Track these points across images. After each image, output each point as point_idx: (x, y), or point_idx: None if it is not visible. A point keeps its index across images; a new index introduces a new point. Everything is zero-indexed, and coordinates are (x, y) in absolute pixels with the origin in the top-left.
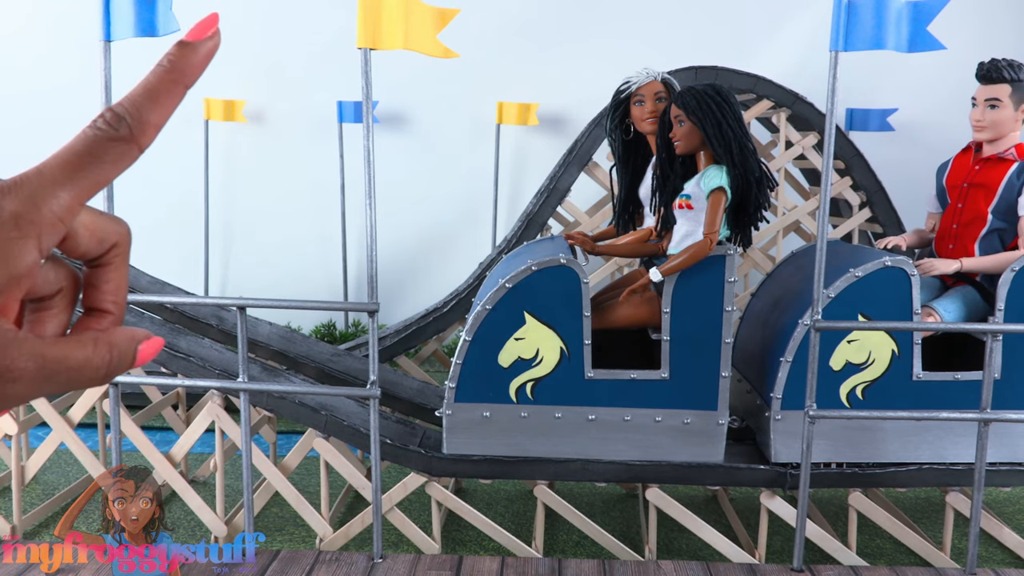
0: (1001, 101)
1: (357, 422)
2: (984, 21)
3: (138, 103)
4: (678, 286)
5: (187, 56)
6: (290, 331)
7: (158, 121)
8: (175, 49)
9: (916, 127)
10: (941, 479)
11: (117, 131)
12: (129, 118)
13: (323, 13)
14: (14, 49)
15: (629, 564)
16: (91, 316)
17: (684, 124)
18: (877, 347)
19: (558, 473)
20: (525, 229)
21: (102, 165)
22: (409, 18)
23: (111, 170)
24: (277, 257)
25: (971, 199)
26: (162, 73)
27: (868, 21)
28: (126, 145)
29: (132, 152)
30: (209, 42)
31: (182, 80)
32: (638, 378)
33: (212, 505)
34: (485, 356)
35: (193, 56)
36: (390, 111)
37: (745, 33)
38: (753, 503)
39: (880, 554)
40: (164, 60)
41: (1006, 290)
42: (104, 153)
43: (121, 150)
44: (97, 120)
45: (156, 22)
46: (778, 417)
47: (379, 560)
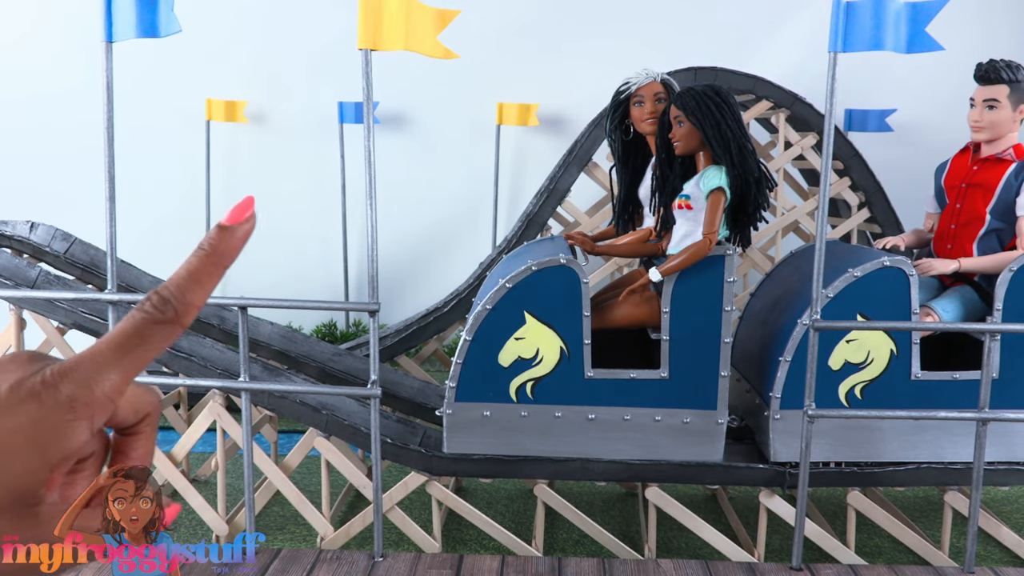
0: (999, 102)
1: (358, 421)
2: (982, 22)
3: (183, 286)
4: (677, 286)
5: (226, 240)
6: (291, 331)
7: (200, 302)
8: (215, 233)
9: (915, 128)
10: (939, 478)
11: (164, 314)
12: (174, 300)
13: (324, 14)
14: (20, 54)
15: (629, 563)
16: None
17: (683, 125)
18: (876, 347)
19: (558, 472)
20: (525, 229)
21: (148, 346)
22: (409, 19)
23: (156, 350)
24: (278, 257)
25: (969, 199)
26: (204, 257)
27: (867, 22)
28: (171, 327)
29: (176, 332)
30: (246, 224)
31: (222, 262)
32: (638, 378)
33: (213, 504)
34: (485, 356)
35: (231, 239)
36: (391, 112)
37: (744, 34)
38: (752, 502)
39: (879, 553)
40: (205, 244)
41: (1004, 290)
42: (151, 335)
43: (167, 331)
44: (145, 304)
45: (158, 23)
46: (777, 416)
47: (380, 559)
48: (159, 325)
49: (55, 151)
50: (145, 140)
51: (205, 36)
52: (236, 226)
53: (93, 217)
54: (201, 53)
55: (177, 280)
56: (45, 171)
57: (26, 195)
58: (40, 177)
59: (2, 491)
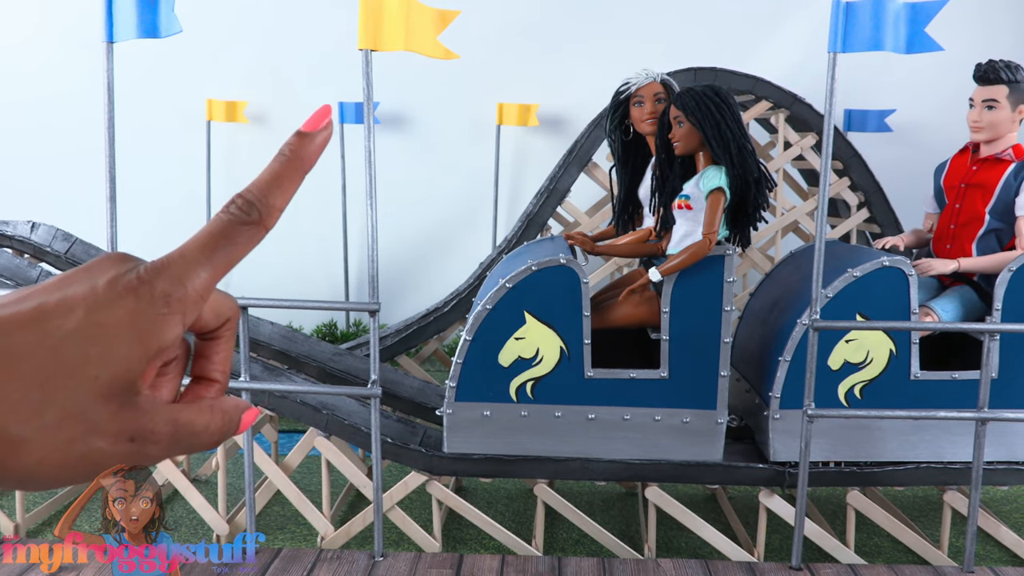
0: (998, 102)
1: (358, 421)
2: (982, 23)
3: (266, 190)
4: (677, 286)
5: (306, 145)
6: (292, 331)
7: (282, 205)
8: (295, 139)
9: (914, 128)
10: (939, 478)
11: (249, 216)
12: (259, 204)
13: (324, 15)
14: (22, 56)
15: (628, 562)
16: (200, 384)
17: (683, 125)
18: (875, 346)
19: (558, 472)
20: (525, 229)
21: (235, 247)
22: (410, 20)
23: (242, 251)
24: (279, 257)
25: (968, 199)
26: (285, 162)
27: (866, 22)
28: (256, 228)
29: (260, 234)
30: (324, 132)
31: (302, 167)
32: (637, 377)
33: (214, 504)
34: (485, 355)
35: (311, 145)
36: (391, 112)
37: (744, 34)
38: (752, 501)
39: (878, 552)
40: (286, 149)
41: (1003, 290)
42: (237, 236)
43: (252, 233)
44: (230, 206)
45: (159, 23)
46: (777, 416)
47: (380, 558)
48: (245, 227)
49: (56, 151)
50: (146, 140)
51: (206, 37)
52: (315, 132)
53: (94, 217)
54: (202, 53)
55: (260, 184)
56: (46, 171)
57: (27, 195)
58: (41, 177)
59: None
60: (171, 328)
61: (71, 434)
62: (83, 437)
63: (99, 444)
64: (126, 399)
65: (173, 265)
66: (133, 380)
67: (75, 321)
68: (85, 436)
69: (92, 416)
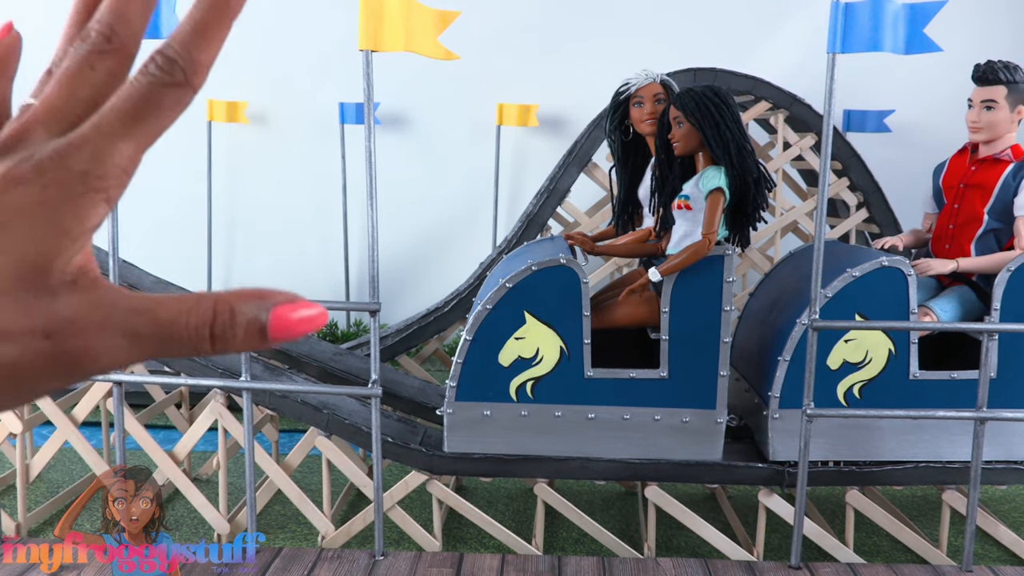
0: (997, 103)
1: (359, 420)
2: (981, 23)
3: (188, 43)
4: (677, 286)
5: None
6: None
7: (209, 61)
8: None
9: (913, 128)
10: (938, 477)
11: (172, 76)
12: (181, 61)
13: (325, 15)
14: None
15: (628, 561)
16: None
17: (683, 125)
18: (874, 346)
19: (558, 471)
20: (525, 229)
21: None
22: (410, 20)
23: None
24: (279, 257)
25: (967, 200)
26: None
27: (865, 23)
28: (182, 90)
29: (188, 96)
30: None
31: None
32: (637, 377)
33: (215, 503)
34: (486, 355)
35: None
36: (391, 113)
37: (743, 35)
38: (751, 501)
39: (877, 551)
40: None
41: (1002, 290)
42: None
43: (178, 95)
44: (148, 65)
45: (160, 24)
46: (776, 416)
47: (380, 557)
48: (169, 88)
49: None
50: None
51: None
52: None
53: None
54: None
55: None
56: None
57: None
58: None
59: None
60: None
61: None
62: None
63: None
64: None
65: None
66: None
67: None
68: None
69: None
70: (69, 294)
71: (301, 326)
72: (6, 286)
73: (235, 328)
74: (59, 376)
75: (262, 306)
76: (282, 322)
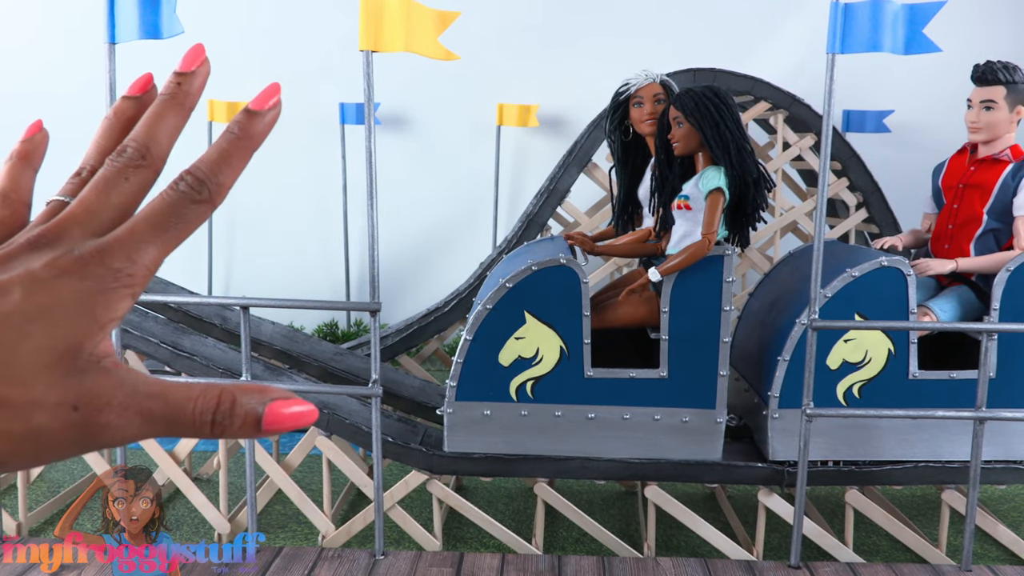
0: (996, 103)
1: (359, 420)
2: (980, 24)
3: (215, 168)
4: (677, 286)
5: (255, 124)
6: (293, 330)
7: (230, 183)
8: (243, 117)
9: (912, 128)
10: (937, 477)
11: (199, 194)
12: (209, 183)
13: (325, 16)
14: (24, 58)
15: (628, 561)
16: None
17: (682, 126)
18: (873, 346)
19: (558, 471)
20: (525, 229)
21: (185, 224)
22: (410, 21)
23: (192, 227)
24: (280, 257)
25: (967, 200)
26: (234, 140)
27: (865, 24)
28: (205, 206)
29: (209, 212)
30: (273, 110)
31: (251, 145)
32: (637, 377)
33: (215, 503)
34: (486, 355)
35: (260, 123)
36: (392, 113)
37: (743, 35)
38: (751, 500)
39: (877, 551)
40: (235, 127)
41: (1001, 290)
42: (187, 214)
43: (201, 211)
44: (179, 183)
45: (160, 24)
46: (776, 415)
47: (381, 557)
48: (195, 204)
49: (58, 152)
50: None
51: (207, 37)
52: (264, 111)
53: None
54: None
55: (209, 162)
56: (48, 172)
57: None
58: (43, 178)
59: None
60: (122, 301)
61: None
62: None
63: (40, 419)
64: (71, 365)
65: (124, 243)
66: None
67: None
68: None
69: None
70: (96, 374)
71: (292, 420)
72: (45, 364)
73: (234, 418)
74: (80, 444)
75: (260, 400)
76: (276, 416)
